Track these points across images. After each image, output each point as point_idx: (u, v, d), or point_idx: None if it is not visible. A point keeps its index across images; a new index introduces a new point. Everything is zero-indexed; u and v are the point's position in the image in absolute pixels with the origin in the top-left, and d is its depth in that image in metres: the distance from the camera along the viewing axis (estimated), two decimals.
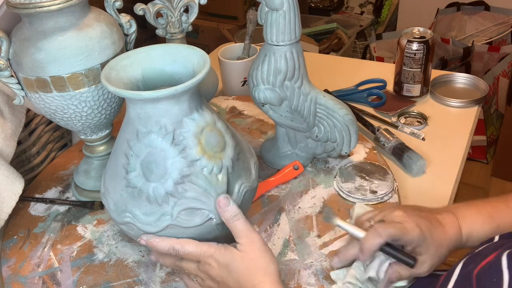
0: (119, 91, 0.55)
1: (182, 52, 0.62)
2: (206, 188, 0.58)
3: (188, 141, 0.57)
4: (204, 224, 0.59)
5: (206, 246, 0.58)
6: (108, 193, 0.62)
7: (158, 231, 0.59)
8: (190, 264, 0.60)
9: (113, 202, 0.61)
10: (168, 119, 0.57)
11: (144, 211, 0.59)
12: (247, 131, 0.98)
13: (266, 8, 0.73)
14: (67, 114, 0.72)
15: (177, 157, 0.57)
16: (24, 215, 0.81)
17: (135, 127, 0.58)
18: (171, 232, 0.59)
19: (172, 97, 0.55)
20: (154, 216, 0.58)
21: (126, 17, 0.76)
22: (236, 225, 0.58)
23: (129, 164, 0.58)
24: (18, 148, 0.86)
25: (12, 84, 0.70)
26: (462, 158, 0.92)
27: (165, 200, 0.57)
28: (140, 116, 0.57)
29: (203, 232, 0.60)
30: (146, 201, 0.58)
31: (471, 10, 2.17)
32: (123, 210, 0.60)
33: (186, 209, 0.58)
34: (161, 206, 0.58)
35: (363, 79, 1.15)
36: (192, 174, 0.57)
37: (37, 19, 0.67)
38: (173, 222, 0.58)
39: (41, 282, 0.69)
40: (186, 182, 0.57)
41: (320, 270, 0.67)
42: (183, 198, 0.57)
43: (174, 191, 0.57)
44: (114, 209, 0.61)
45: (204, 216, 0.59)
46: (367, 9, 2.69)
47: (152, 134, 0.57)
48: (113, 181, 0.61)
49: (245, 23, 1.38)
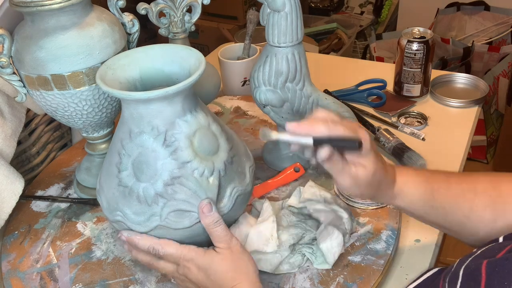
0: (111, 90, 0.55)
1: (179, 52, 0.62)
2: (196, 190, 0.58)
3: (180, 142, 0.57)
4: (193, 227, 0.59)
5: (186, 249, 0.59)
6: (103, 190, 0.62)
7: (147, 231, 0.59)
8: (168, 265, 0.61)
9: (106, 200, 0.61)
10: (160, 120, 0.57)
11: (134, 210, 0.59)
12: (251, 131, 0.98)
13: (268, 9, 0.72)
14: (67, 112, 0.73)
15: (168, 158, 0.57)
16: (26, 211, 0.82)
17: (128, 127, 0.58)
18: (160, 232, 0.59)
19: (164, 98, 0.55)
20: (144, 216, 0.58)
21: (129, 16, 0.77)
22: (216, 231, 0.58)
23: (121, 163, 0.59)
24: (18, 148, 0.86)
25: (14, 81, 0.71)
26: (462, 158, 0.92)
27: (155, 201, 0.58)
28: (133, 116, 0.57)
29: (192, 234, 0.60)
30: (136, 200, 0.58)
31: (471, 10, 2.17)
32: (115, 208, 0.60)
33: (175, 210, 0.58)
34: (150, 206, 0.58)
35: (363, 79, 1.14)
36: (183, 176, 0.57)
37: (39, 18, 0.67)
38: (162, 223, 0.58)
39: (39, 278, 0.70)
40: (176, 184, 0.57)
41: (315, 274, 0.67)
42: (173, 200, 0.57)
43: (164, 192, 0.57)
44: (106, 206, 0.62)
45: (193, 218, 0.59)
46: (367, 9, 2.69)
47: (144, 134, 0.57)
48: (107, 179, 0.61)
49: (245, 23, 1.38)
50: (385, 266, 0.68)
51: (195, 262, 0.58)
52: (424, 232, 0.76)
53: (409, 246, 0.75)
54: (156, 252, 0.59)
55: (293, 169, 0.83)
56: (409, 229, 0.77)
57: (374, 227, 0.74)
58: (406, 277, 0.70)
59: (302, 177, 0.84)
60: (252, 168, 0.66)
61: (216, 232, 0.58)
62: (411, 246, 0.75)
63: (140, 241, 0.60)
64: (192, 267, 0.58)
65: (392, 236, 0.72)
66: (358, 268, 0.67)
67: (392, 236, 0.72)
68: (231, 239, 0.59)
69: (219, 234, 0.58)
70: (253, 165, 0.67)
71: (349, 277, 0.66)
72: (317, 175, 0.85)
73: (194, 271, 0.58)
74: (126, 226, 0.60)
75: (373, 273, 0.66)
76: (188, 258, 0.58)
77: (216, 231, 0.58)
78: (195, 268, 0.58)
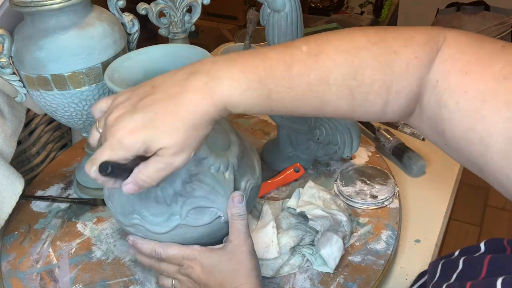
0: None
1: (184, 51, 0.62)
2: (214, 186, 0.58)
3: None
4: (213, 223, 0.59)
5: (189, 249, 0.58)
6: (113, 195, 0.62)
7: (167, 231, 0.59)
8: (170, 267, 0.60)
9: (120, 205, 0.61)
10: None
11: (152, 212, 0.58)
12: (251, 131, 0.98)
13: (268, 10, 0.72)
14: (67, 112, 0.73)
15: None
16: (26, 211, 0.82)
17: None
18: (180, 231, 0.59)
19: None
20: (163, 217, 0.58)
21: (129, 16, 0.77)
22: (238, 224, 0.58)
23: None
24: (18, 148, 0.86)
25: (14, 81, 0.71)
26: None
27: (174, 200, 0.57)
28: None
29: (211, 230, 0.60)
30: (154, 201, 0.58)
31: (471, 10, 2.17)
32: (131, 212, 0.60)
33: (195, 208, 0.58)
34: (169, 206, 0.58)
35: None
36: (200, 173, 0.57)
37: (39, 18, 0.67)
38: (182, 221, 0.58)
39: (39, 279, 0.70)
40: (194, 181, 0.57)
41: (315, 274, 0.67)
42: (192, 197, 0.57)
43: (183, 190, 0.57)
44: (120, 211, 0.61)
45: (213, 214, 0.59)
46: (367, 9, 2.69)
47: None
48: None
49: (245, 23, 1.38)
50: (385, 266, 0.68)
51: (199, 261, 0.58)
52: (424, 232, 0.76)
53: (409, 246, 0.75)
54: (158, 256, 0.59)
55: (293, 169, 0.83)
56: (409, 229, 0.77)
57: (374, 227, 0.74)
58: (406, 277, 0.70)
59: (302, 177, 0.84)
60: (259, 161, 0.67)
61: (238, 225, 0.58)
62: (411, 246, 0.75)
63: (143, 245, 0.60)
64: (196, 266, 0.58)
65: (392, 236, 0.72)
66: (358, 268, 0.67)
67: (392, 236, 0.72)
68: (248, 238, 0.58)
69: (240, 228, 0.58)
70: (259, 159, 0.67)
71: (349, 277, 0.66)
72: (317, 175, 0.85)
73: (197, 270, 0.58)
74: (145, 229, 0.59)
75: (373, 273, 0.67)
76: (191, 258, 0.58)
77: (238, 223, 0.58)
78: (199, 267, 0.58)
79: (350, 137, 0.81)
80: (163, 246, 0.59)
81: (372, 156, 0.88)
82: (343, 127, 0.81)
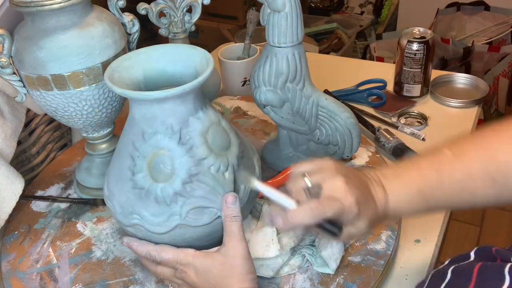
0: (126, 92, 0.55)
1: (183, 52, 0.62)
2: (214, 186, 0.58)
3: (195, 140, 0.58)
4: (213, 223, 0.59)
5: (183, 253, 0.58)
6: (113, 195, 0.62)
7: (167, 231, 0.59)
8: (165, 270, 0.60)
9: (119, 205, 0.61)
10: (174, 119, 0.57)
11: (152, 212, 0.58)
12: (251, 131, 0.98)
13: (268, 10, 0.72)
14: (68, 112, 0.73)
15: (184, 156, 0.57)
16: (26, 210, 0.82)
17: (141, 128, 0.58)
18: (180, 232, 0.59)
19: (179, 97, 0.55)
20: (163, 217, 0.58)
21: (129, 16, 0.77)
22: (231, 226, 0.58)
23: (135, 165, 0.58)
24: (18, 148, 0.86)
25: (14, 81, 0.71)
26: None
27: (174, 200, 0.57)
28: (146, 116, 0.57)
29: (211, 230, 0.60)
30: (154, 201, 0.58)
31: (471, 10, 2.18)
32: (130, 212, 0.60)
33: (195, 208, 0.58)
34: (169, 206, 0.58)
35: (363, 79, 1.14)
36: (200, 173, 0.57)
37: (39, 18, 0.67)
38: (182, 221, 0.58)
39: (39, 278, 0.70)
40: (194, 181, 0.57)
41: (315, 275, 0.67)
42: (192, 197, 0.58)
43: (183, 190, 0.57)
44: (120, 211, 0.61)
45: (213, 214, 0.59)
46: (367, 9, 2.69)
47: (159, 134, 0.57)
48: (118, 183, 0.61)
49: (245, 23, 1.38)
50: (385, 266, 0.68)
51: (192, 265, 0.58)
52: (424, 232, 0.76)
53: (409, 246, 0.75)
54: (153, 258, 0.59)
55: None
56: (409, 229, 0.77)
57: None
58: (406, 277, 0.70)
59: None
60: (259, 161, 0.67)
61: (231, 227, 0.58)
62: (411, 246, 0.75)
63: (138, 248, 0.60)
64: (189, 271, 0.58)
65: (392, 237, 0.72)
66: (358, 269, 0.67)
67: (392, 237, 0.72)
68: (242, 241, 0.58)
69: (234, 230, 0.58)
70: (259, 158, 0.68)
71: (349, 277, 0.66)
72: None
73: (191, 275, 0.58)
74: (144, 229, 0.59)
75: (373, 274, 0.67)
76: (185, 263, 0.58)
77: (231, 225, 0.58)
78: (192, 272, 0.58)
79: (350, 138, 0.81)
80: (157, 249, 0.59)
81: (372, 156, 0.88)
82: (343, 127, 0.80)
